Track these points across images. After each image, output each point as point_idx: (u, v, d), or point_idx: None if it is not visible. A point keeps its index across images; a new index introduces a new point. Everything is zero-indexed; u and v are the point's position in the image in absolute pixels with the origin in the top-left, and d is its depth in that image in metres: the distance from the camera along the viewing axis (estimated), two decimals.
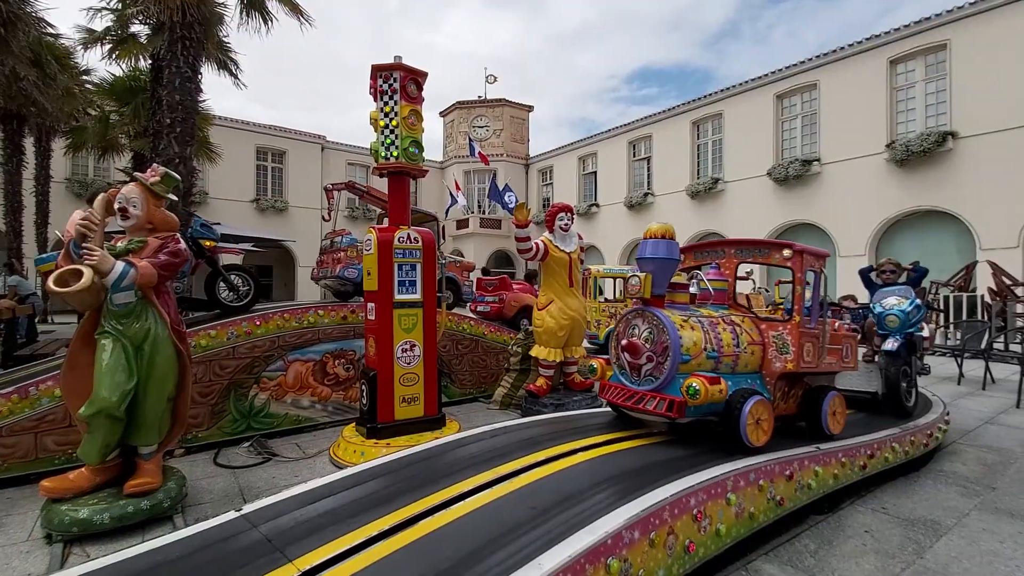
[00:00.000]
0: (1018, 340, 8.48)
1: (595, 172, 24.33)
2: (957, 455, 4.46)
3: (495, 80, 27.99)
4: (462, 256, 10.21)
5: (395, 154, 4.24)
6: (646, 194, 21.32)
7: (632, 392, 3.15)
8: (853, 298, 7.65)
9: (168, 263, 3.37)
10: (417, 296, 4.47)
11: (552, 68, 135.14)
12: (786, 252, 3.35)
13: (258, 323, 5.20)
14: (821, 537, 3.04)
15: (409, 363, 4.43)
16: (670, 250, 3.18)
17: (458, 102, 26.98)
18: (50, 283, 3.12)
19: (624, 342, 3.14)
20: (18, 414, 3.99)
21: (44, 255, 6.60)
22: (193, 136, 9.70)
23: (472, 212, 25.98)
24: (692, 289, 3.69)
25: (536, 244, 5.19)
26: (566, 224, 5.35)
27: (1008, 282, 11.36)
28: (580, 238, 5.58)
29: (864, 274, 5.15)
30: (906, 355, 4.49)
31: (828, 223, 15.87)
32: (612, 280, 10.80)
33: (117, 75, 12.75)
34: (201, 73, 9.71)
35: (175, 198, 4.06)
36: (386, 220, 4.86)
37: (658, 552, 2.21)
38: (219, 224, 14.84)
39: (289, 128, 23.95)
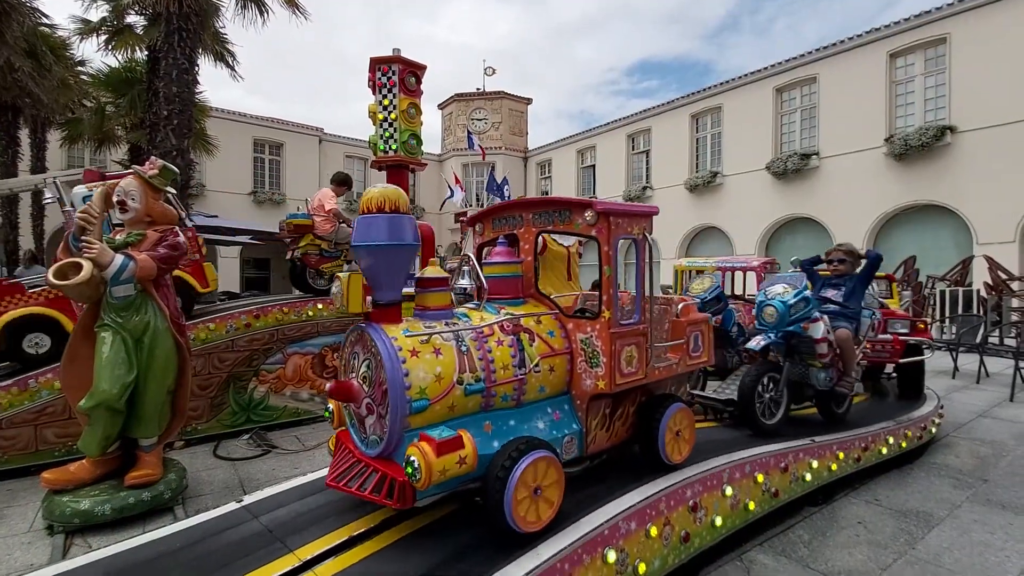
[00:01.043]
0: (1013, 334, 8.54)
1: (594, 165, 24.26)
2: (950, 448, 4.51)
3: (494, 72, 27.84)
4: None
5: (394, 147, 4.24)
6: (645, 188, 21.29)
7: (357, 459, 2.13)
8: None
9: (167, 256, 3.38)
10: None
11: (552, 60, 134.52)
12: (588, 215, 2.34)
13: (257, 316, 5.21)
14: (815, 528, 3.08)
15: None
16: (395, 230, 1.99)
17: (456, 95, 26.84)
18: (49, 276, 3.13)
19: (331, 384, 2.10)
20: (18, 406, 4.02)
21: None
22: (190, 128, 9.65)
23: (470, 205, 25.92)
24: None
25: None
26: None
27: (1004, 277, 11.41)
28: None
29: (807, 267, 4.25)
30: (784, 359, 3.59)
31: (826, 217, 15.88)
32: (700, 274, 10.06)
33: (113, 66, 12.64)
34: (198, 65, 9.64)
35: (173, 191, 4.06)
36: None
37: (654, 542, 2.25)
38: (216, 216, 14.81)
39: (287, 120, 23.82)
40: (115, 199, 3.35)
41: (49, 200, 5.25)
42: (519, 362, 2.24)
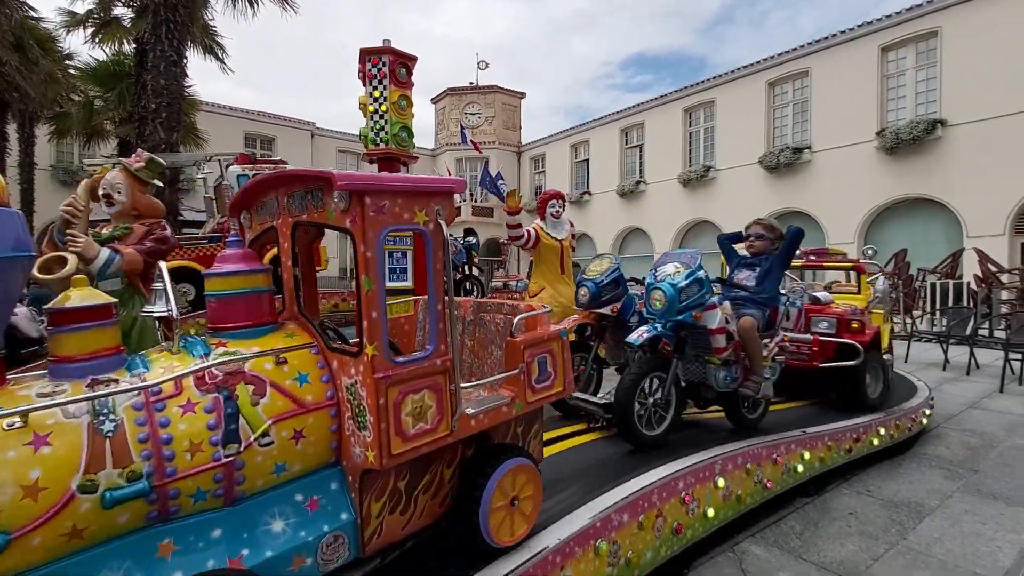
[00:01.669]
0: (1002, 326, 8.61)
1: (587, 160, 24.24)
2: (941, 439, 4.54)
3: (487, 66, 27.71)
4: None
5: (384, 140, 4.20)
6: (638, 182, 21.29)
7: None
8: None
9: (154, 250, 3.33)
10: (408, 283, 4.46)
11: (547, 55, 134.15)
12: (336, 199, 1.52)
13: None
14: (807, 519, 3.09)
15: None
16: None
17: (449, 89, 26.69)
18: (34, 270, 3.07)
19: None
20: None
21: None
22: (179, 122, 9.56)
23: (464, 200, 25.85)
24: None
25: (528, 231, 5.17)
26: (557, 211, 5.33)
27: (994, 269, 11.49)
28: (571, 225, 5.57)
29: (723, 243, 3.75)
30: (675, 355, 2.99)
31: (818, 211, 15.94)
32: None
33: (101, 59, 12.47)
34: (186, 57, 9.55)
35: (160, 184, 4.01)
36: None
37: (647, 534, 2.24)
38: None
39: (278, 114, 23.62)
40: (100, 192, 3.29)
41: (207, 174, 6.85)
42: (226, 435, 1.42)
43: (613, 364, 3.93)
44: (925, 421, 4.52)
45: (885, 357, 4.56)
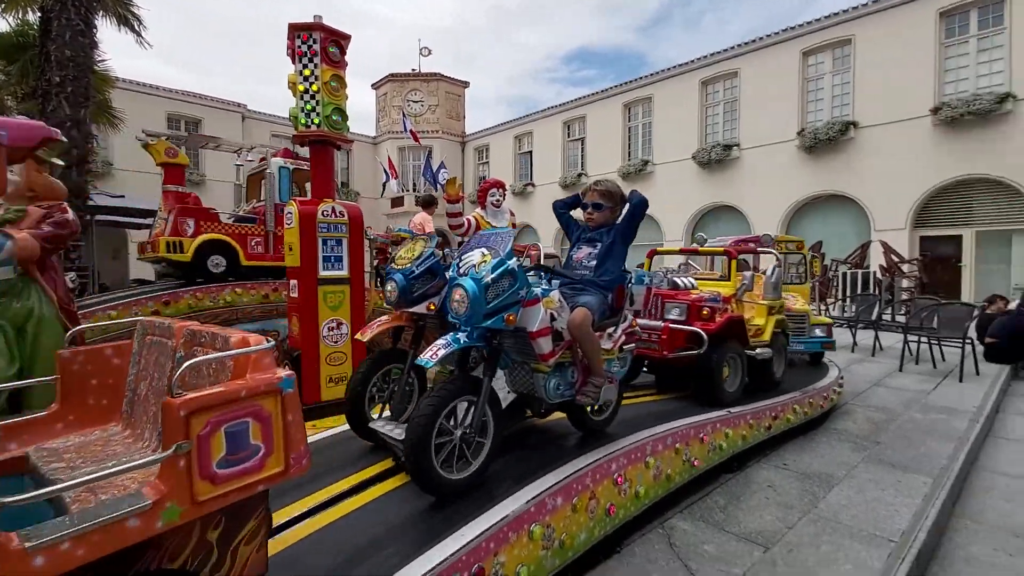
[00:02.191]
0: (902, 312, 9.48)
1: (531, 152, 24.37)
2: (849, 415, 4.94)
3: (429, 53, 27.19)
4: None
5: (316, 121, 4.01)
6: (580, 175, 21.66)
7: None
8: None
9: (53, 235, 3.02)
10: (344, 272, 4.31)
11: (493, 44, 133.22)
12: None
13: (166, 302, 4.82)
14: (730, 493, 3.27)
15: (336, 342, 4.29)
16: None
17: (391, 74, 25.96)
18: None
19: None
20: None
21: None
22: (88, 97, 8.73)
23: (407, 190, 25.32)
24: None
25: (468, 220, 5.12)
26: (498, 200, 5.31)
27: (896, 260, 12.62)
28: (512, 215, 5.58)
29: (562, 213, 3.00)
30: (486, 372, 2.22)
31: (746, 205, 16.86)
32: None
33: (3, 30, 11.17)
34: (96, 27, 8.71)
35: (61, 163, 3.64)
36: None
37: (580, 516, 2.29)
38: (122, 197, 13.57)
39: (204, 94, 22.09)
40: None
41: (248, 161, 7.73)
42: None
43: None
44: (835, 399, 4.90)
45: (759, 350, 4.16)
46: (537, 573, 2.05)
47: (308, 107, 4.00)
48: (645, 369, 4.40)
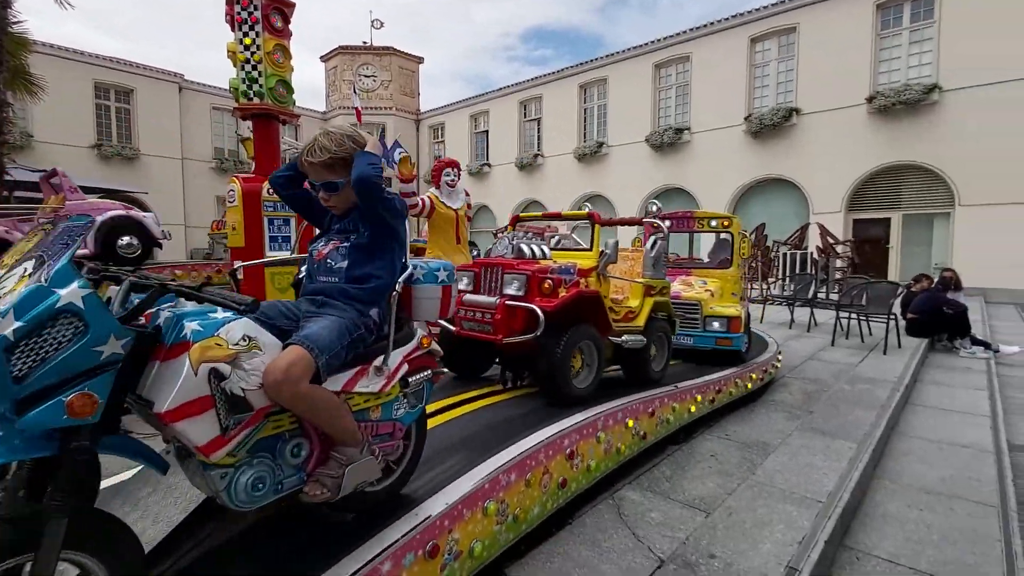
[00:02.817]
0: (836, 290, 10.09)
1: (487, 131, 24.11)
2: (785, 387, 5.26)
3: (381, 25, 26.21)
4: None
5: (259, 94, 3.82)
6: (536, 155, 21.64)
7: None
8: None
9: None
10: (292, 253, 4.17)
11: (449, 19, 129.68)
12: None
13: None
14: (676, 464, 3.44)
15: None
16: None
17: (341, 47, 24.91)
18: None
19: None
20: None
21: None
22: (1, 62, 7.94)
23: None
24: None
25: (422, 200, 5.05)
26: (452, 180, 5.25)
27: (831, 241, 13.38)
28: (467, 195, 5.53)
29: (283, 189, 1.93)
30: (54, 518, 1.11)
31: (696, 188, 17.38)
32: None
33: None
34: None
35: None
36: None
37: (533, 491, 2.35)
38: (44, 172, 12.56)
39: (137, 62, 20.51)
40: None
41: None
42: None
43: None
44: (774, 372, 5.20)
45: (627, 337, 3.46)
46: (491, 547, 2.10)
47: (250, 78, 3.80)
48: (497, 362, 3.60)
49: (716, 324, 4.71)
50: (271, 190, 4.14)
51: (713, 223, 5.30)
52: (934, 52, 13.17)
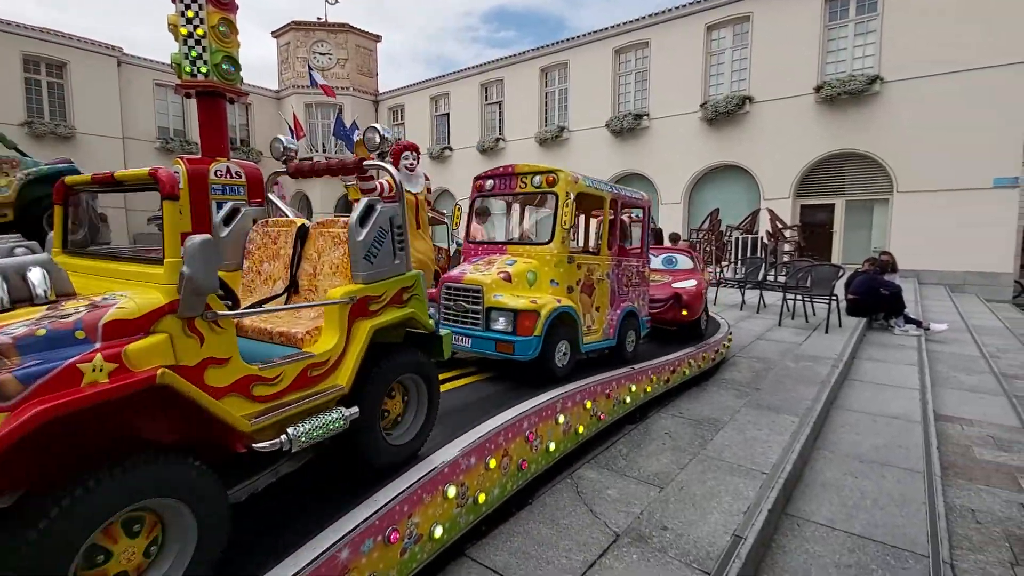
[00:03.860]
0: (784, 273, 10.56)
1: (448, 114, 23.71)
2: (735, 365, 5.49)
3: (336, 1, 25.18)
4: None
5: (203, 70, 3.63)
6: (498, 139, 21.48)
7: None
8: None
9: None
10: None
11: None
12: None
13: None
14: (632, 442, 3.56)
15: None
16: None
17: (294, 22, 23.83)
18: None
19: None
20: None
21: None
22: None
23: (315, 151, 23.79)
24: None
25: (380, 183, 4.94)
26: (411, 163, 5.16)
27: (780, 226, 13.94)
28: (427, 179, 5.45)
29: None
30: None
31: (654, 174, 17.69)
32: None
33: None
34: None
35: None
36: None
37: (494, 473, 2.39)
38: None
39: (70, 34, 19.01)
40: None
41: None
42: None
43: None
44: (724, 352, 5.42)
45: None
46: (452, 530, 2.13)
47: (193, 54, 3.60)
48: None
49: (501, 321, 3.31)
50: (219, 172, 3.97)
51: (536, 180, 3.82)
52: (876, 44, 13.74)
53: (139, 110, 20.77)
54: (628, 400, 3.66)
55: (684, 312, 5.12)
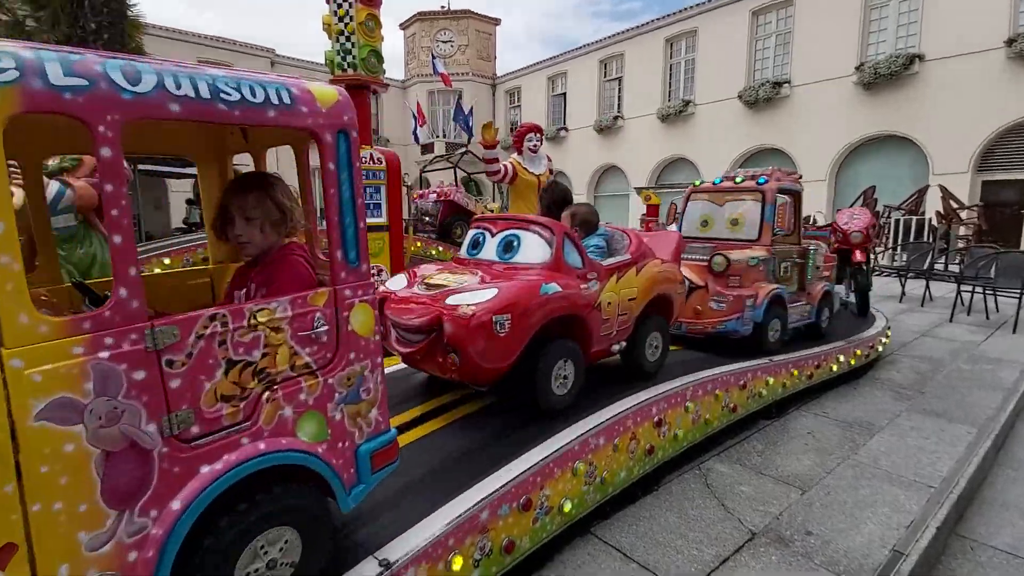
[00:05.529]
0: (957, 261, 9.03)
1: (564, 93, 23.45)
2: (894, 364, 4.83)
3: None
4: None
5: (352, 64, 3.94)
6: (616, 117, 20.81)
7: None
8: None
9: None
10: (382, 219, 4.35)
11: None
12: None
13: None
14: (768, 439, 3.31)
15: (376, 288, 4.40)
16: None
17: (419, 13, 25.03)
18: None
19: None
20: None
21: None
22: (123, 45, 8.77)
23: (437, 137, 24.96)
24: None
25: (504, 166, 5.06)
26: (535, 145, 5.21)
27: (955, 206, 11.88)
28: (549, 160, 5.46)
29: None
30: None
31: (793, 148, 15.97)
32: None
33: None
34: None
35: None
36: None
37: (621, 455, 2.37)
38: None
39: (234, 40, 21.88)
40: None
41: None
42: None
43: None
44: (881, 349, 4.79)
45: None
46: (580, 506, 2.16)
47: (344, 49, 3.93)
48: None
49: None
50: (362, 159, 4.33)
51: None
52: None
53: None
54: (764, 393, 3.41)
55: (453, 358, 2.17)
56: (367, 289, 1.51)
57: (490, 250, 2.63)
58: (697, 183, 4.62)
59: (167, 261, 4.89)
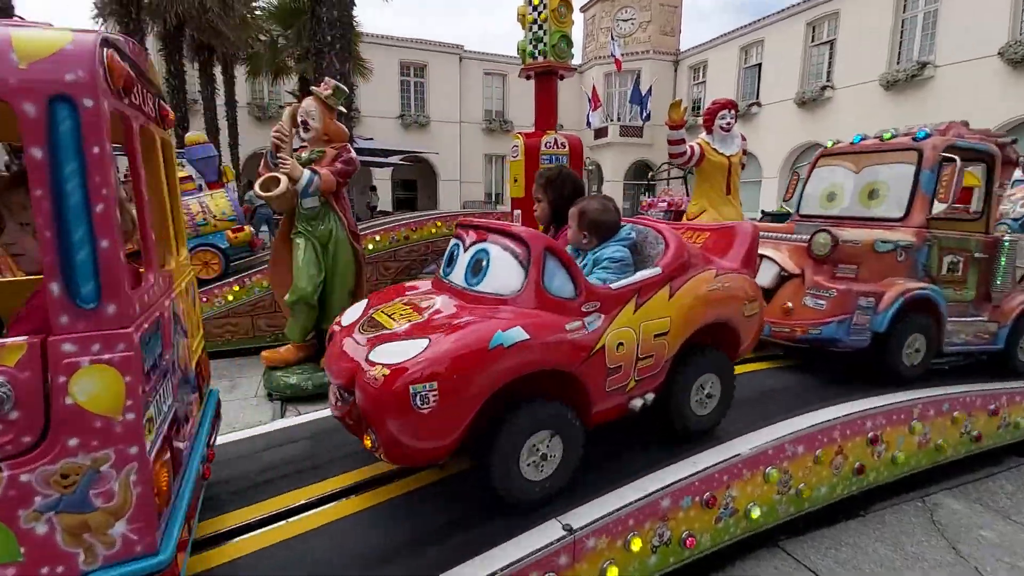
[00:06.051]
0: None
1: (759, 64, 21.07)
2: None
3: None
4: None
5: (543, 51, 4.06)
6: (824, 87, 18.01)
7: None
8: None
9: (343, 171, 3.74)
10: None
11: None
12: None
13: (414, 229, 5.66)
14: (1022, 480, 2.64)
15: None
16: None
17: None
18: (256, 188, 3.67)
19: None
20: (238, 300, 4.95)
21: None
22: (350, 53, 10.24)
23: (612, 120, 24.53)
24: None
25: (691, 147, 4.75)
26: (728, 123, 4.78)
27: None
28: (743, 140, 4.99)
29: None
30: None
31: None
32: None
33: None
34: None
35: (344, 110, 4.41)
36: None
37: (823, 469, 2.11)
38: (371, 139, 15.98)
39: (429, 40, 24.14)
40: (299, 119, 3.74)
41: None
42: None
43: None
44: None
45: None
46: (769, 515, 1.99)
47: (536, 38, 4.06)
48: None
49: None
50: (548, 144, 4.45)
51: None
52: None
53: (471, 97, 24.97)
54: (1022, 423, 2.71)
55: (368, 431, 1.57)
56: (111, 343, 1.00)
57: (460, 270, 1.86)
58: (830, 143, 3.51)
59: (377, 238, 5.66)
